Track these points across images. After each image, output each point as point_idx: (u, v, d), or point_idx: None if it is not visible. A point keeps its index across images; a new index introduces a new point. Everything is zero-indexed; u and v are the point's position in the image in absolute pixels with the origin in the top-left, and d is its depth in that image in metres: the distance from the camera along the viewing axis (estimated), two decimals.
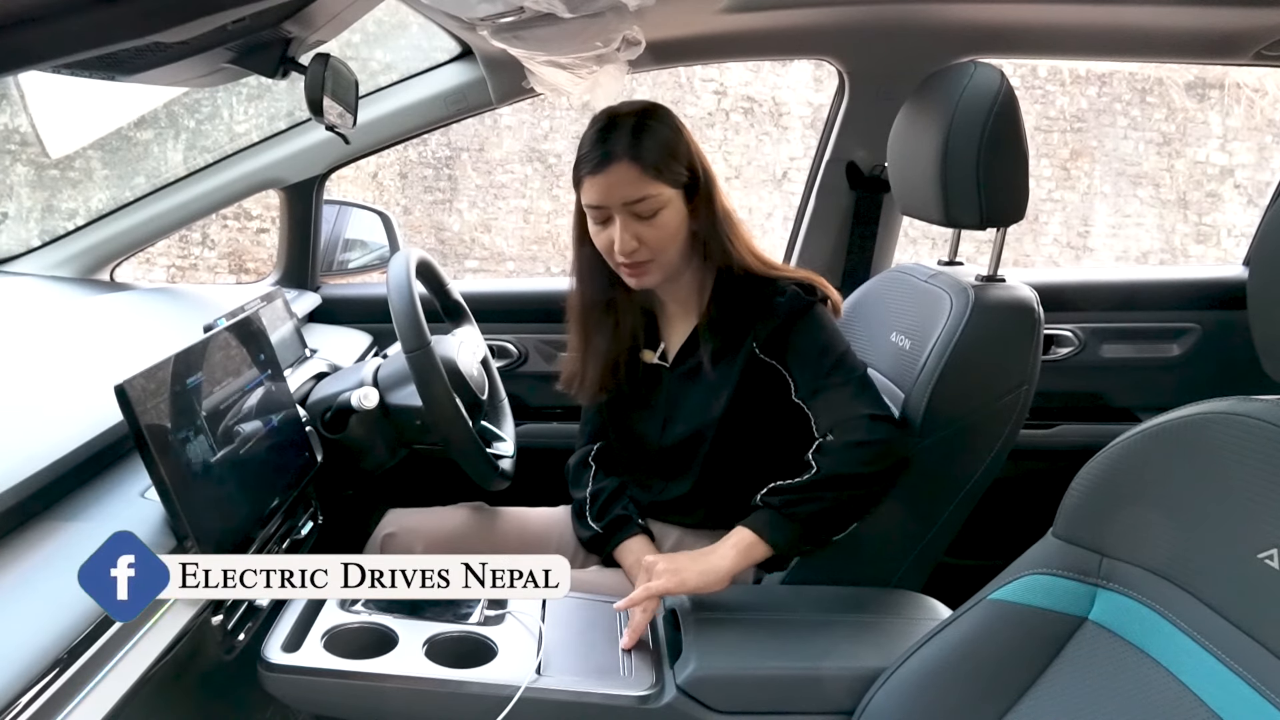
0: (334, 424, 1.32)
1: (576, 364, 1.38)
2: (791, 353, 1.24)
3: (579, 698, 0.97)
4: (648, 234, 1.21)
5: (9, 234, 6.13)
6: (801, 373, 1.24)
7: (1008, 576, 0.87)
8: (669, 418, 1.34)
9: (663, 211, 1.20)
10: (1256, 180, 7.53)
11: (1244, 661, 0.67)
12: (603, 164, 1.19)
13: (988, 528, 1.64)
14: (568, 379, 1.40)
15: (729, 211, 1.27)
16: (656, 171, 1.19)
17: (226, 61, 1.12)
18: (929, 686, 0.90)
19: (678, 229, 1.23)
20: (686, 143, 1.24)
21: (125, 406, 0.86)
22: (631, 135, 1.18)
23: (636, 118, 1.21)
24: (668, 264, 1.25)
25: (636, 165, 1.18)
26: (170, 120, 6.14)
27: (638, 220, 1.20)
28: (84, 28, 0.56)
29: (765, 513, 1.16)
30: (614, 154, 1.18)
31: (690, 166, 1.23)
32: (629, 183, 1.18)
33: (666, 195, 1.20)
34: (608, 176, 1.18)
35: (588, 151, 1.21)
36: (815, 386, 1.22)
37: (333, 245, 2.04)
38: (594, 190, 1.20)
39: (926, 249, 7.02)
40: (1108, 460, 0.81)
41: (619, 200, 1.19)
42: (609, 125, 1.20)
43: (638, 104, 1.24)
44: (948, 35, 1.76)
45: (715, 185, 1.26)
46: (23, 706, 0.67)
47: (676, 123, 1.25)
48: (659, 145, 1.20)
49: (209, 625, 0.94)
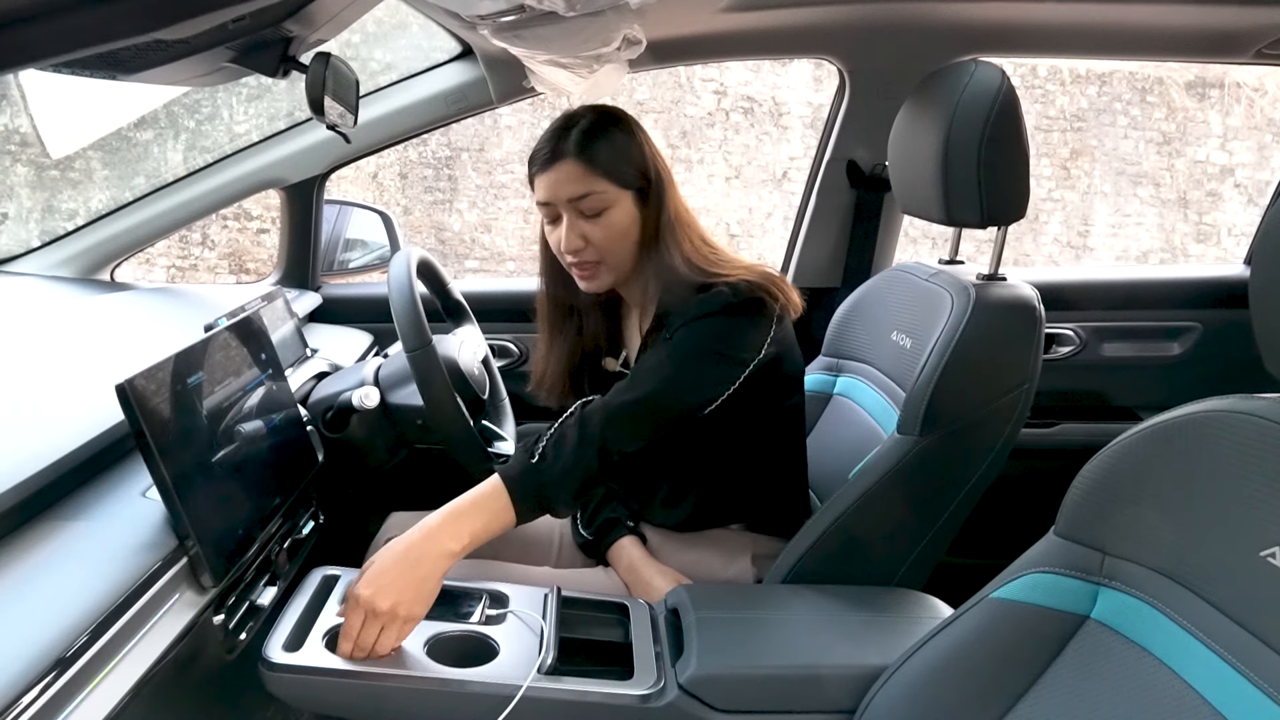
0: (335, 423, 1.32)
1: (542, 365, 1.39)
2: (675, 335, 1.18)
3: (581, 697, 0.97)
4: (594, 233, 1.20)
5: (9, 234, 6.13)
6: (652, 348, 1.20)
7: (1010, 575, 0.87)
8: None
9: (609, 211, 1.19)
10: (1256, 179, 7.54)
11: (1246, 659, 0.67)
12: (550, 161, 1.19)
13: (989, 526, 1.64)
14: (536, 380, 1.41)
15: (680, 216, 1.24)
16: (604, 171, 1.18)
17: (227, 61, 1.12)
18: (931, 685, 0.90)
19: (626, 230, 1.21)
20: (641, 146, 1.22)
21: (126, 406, 0.86)
22: (583, 135, 1.18)
23: (591, 120, 1.20)
24: (618, 266, 1.23)
25: (583, 163, 1.18)
26: (170, 120, 6.14)
27: (583, 218, 1.20)
28: (85, 25, 0.56)
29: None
30: (563, 152, 1.18)
31: (643, 170, 1.22)
32: (574, 180, 1.18)
33: (613, 195, 1.19)
34: (555, 173, 1.19)
35: (539, 149, 1.22)
36: (642, 364, 1.18)
37: (333, 245, 2.04)
38: (542, 187, 1.21)
39: (926, 248, 7.02)
40: (1109, 459, 0.81)
41: (564, 197, 1.19)
42: (564, 126, 1.20)
43: (596, 107, 1.24)
44: (948, 34, 1.76)
45: (669, 190, 1.24)
46: (25, 706, 0.67)
47: (634, 127, 1.24)
48: (610, 146, 1.19)
49: (210, 624, 0.94)
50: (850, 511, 1.22)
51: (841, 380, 1.53)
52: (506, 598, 1.11)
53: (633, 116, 1.26)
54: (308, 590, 1.09)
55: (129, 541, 0.88)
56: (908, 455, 1.21)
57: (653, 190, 1.22)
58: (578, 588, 1.18)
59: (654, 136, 1.28)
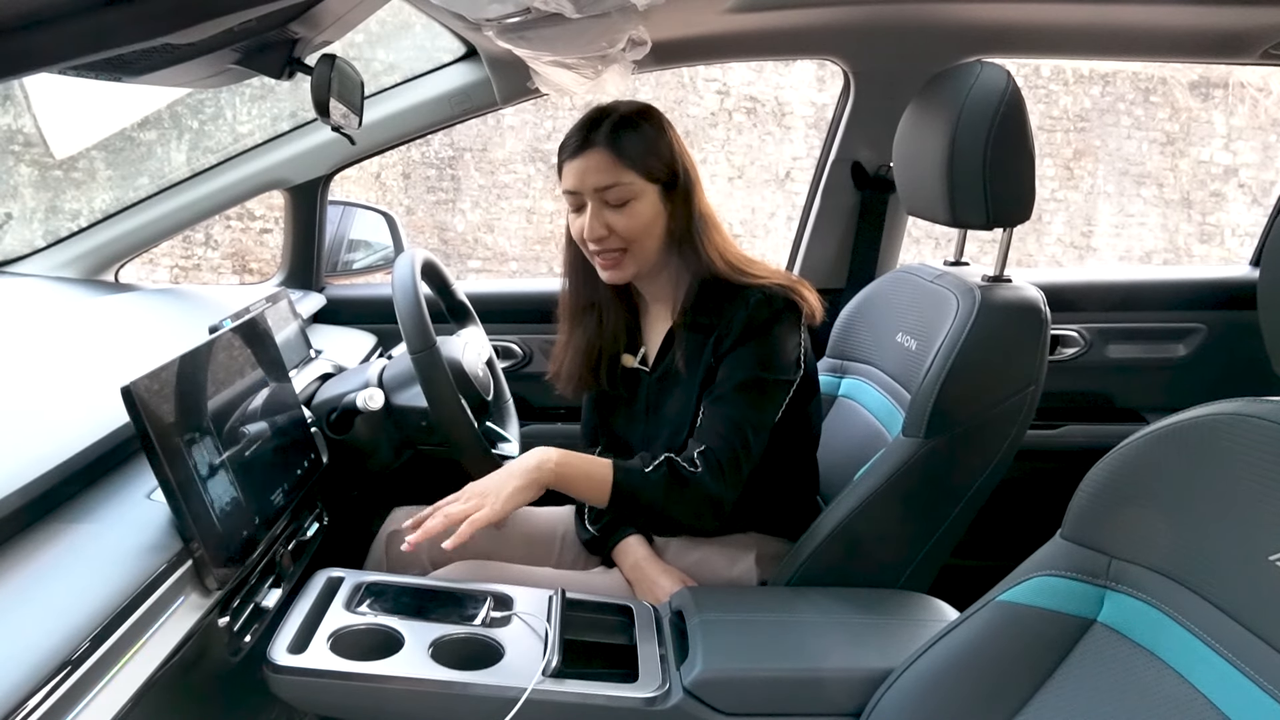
0: (339, 425, 1.32)
1: (560, 355, 1.40)
2: (727, 360, 1.22)
3: (585, 700, 0.97)
4: (618, 222, 1.21)
5: (14, 235, 6.14)
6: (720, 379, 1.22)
7: (1016, 578, 0.86)
8: (650, 423, 1.34)
9: (634, 202, 1.21)
10: (1260, 180, 7.51)
11: (1254, 663, 0.67)
12: (579, 150, 1.21)
13: (994, 529, 1.63)
14: (553, 371, 1.42)
15: (707, 214, 1.26)
16: (631, 162, 1.20)
17: (233, 63, 1.12)
18: (936, 688, 0.89)
19: (650, 222, 1.23)
20: (670, 142, 1.24)
21: (132, 408, 0.86)
22: (613, 127, 1.21)
23: (623, 113, 1.23)
24: (642, 258, 1.25)
25: (611, 153, 1.20)
26: (174, 121, 6.14)
27: (608, 208, 1.22)
28: (92, 30, 0.56)
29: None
30: (592, 141, 1.21)
31: (671, 165, 1.23)
32: (601, 169, 1.20)
33: (639, 186, 1.21)
34: (583, 162, 1.21)
35: (569, 139, 1.24)
36: (718, 394, 1.21)
37: (337, 246, 2.04)
38: (570, 175, 1.23)
39: (930, 249, 7.01)
40: (1116, 461, 0.80)
41: (590, 186, 1.21)
42: (596, 118, 1.23)
43: (629, 103, 1.26)
44: (953, 35, 1.75)
45: (696, 187, 1.26)
46: (31, 708, 0.67)
47: (664, 124, 1.26)
48: (639, 139, 1.21)
49: (215, 627, 0.94)
50: (855, 514, 1.22)
51: (846, 382, 1.53)
52: (511, 600, 1.11)
53: (664, 114, 1.28)
54: (312, 592, 1.10)
55: (134, 544, 0.88)
56: (913, 457, 1.21)
57: (680, 186, 1.24)
58: (581, 589, 1.18)
59: None
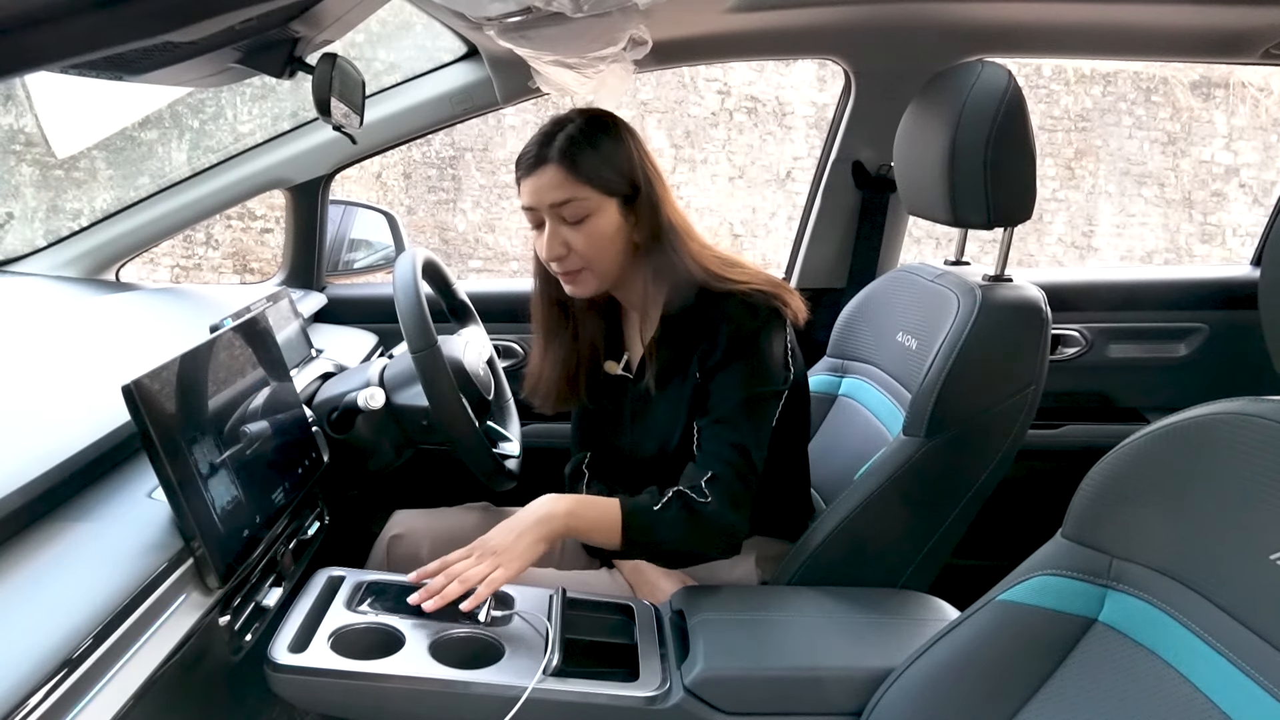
0: (340, 424, 1.32)
1: (536, 369, 1.37)
2: (718, 379, 1.20)
3: (586, 699, 0.97)
4: (575, 240, 1.19)
5: (15, 234, 6.14)
6: (714, 399, 1.20)
7: (1017, 578, 0.87)
8: (635, 430, 1.33)
9: (591, 218, 1.18)
10: (1262, 179, 7.51)
11: (1255, 662, 0.67)
12: (534, 166, 1.18)
13: (995, 528, 1.63)
14: (530, 386, 1.38)
15: (678, 223, 1.23)
16: (587, 177, 1.17)
17: (234, 61, 1.12)
18: (937, 688, 0.90)
19: (611, 238, 1.20)
20: (630, 153, 1.21)
21: (133, 407, 0.86)
22: (568, 142, 1.17)
23: (578, 125, 1.19)
24: (603, 273, 1.22)
25: (565, 169, 1.16)
26: (175, 120, 6.15)
27: (565, 225, 1.19)
28: (96, 28, 0.56)
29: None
30: (546, 157, 1.17)
31: (630, 177, 1.20)
32: (556, 185, 1.17)
33: (595, 202, 1.18)
34: (538, 179, 1.18)
35: (525, 153, 1.21)
36: (716, 416, 1.19)
37: (338, 245, 2.04)
38: (526, 192, 1.20)
39: (930, 249, 7.01)
40: (1117, 461, 0.80)
41: (546, 203, 1.18)
42: (551, 131, 1.19)
43: (585, 111, 1.23)
44: (954, 34, 1.75)
45: (661, 197, 1.22)
46: (32, 707, 0.67)
47: (623, 132, 1.22)
48: (595, 153, 1.18)
49: (216, 625, 0.94)
50: (856, 513, 1.22)
51: (846, 381, 1.53)
52: (512, 599, 1.11)
53: (624, 121, 1.25)
54: (313, 591, 1.10)
55: (135, 543, 0.88)
56: (914, 457, 1.21)
57: (641, 197, 1.21)
58: (582, 589, 1.18)
59: (658, 137, 1.29)
